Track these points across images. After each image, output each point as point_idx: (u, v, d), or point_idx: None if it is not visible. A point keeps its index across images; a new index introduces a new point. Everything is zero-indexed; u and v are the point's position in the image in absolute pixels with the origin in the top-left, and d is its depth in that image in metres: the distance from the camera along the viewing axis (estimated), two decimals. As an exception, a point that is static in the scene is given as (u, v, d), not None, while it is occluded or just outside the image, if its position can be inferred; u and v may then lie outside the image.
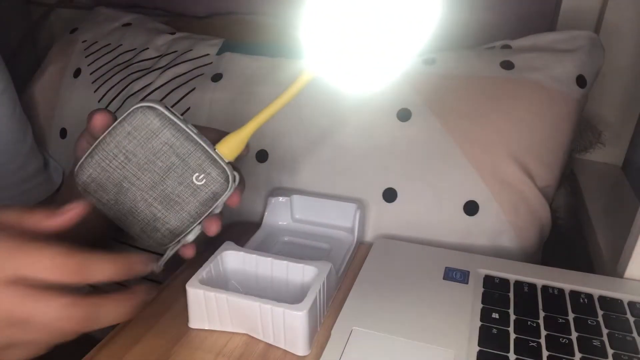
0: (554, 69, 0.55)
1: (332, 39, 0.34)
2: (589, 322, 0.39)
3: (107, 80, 0.67)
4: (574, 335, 0.38)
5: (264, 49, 0.65)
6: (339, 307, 0.41)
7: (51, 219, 0.32)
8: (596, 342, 0.37)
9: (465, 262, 0.46)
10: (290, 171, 0.57)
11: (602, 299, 0.42)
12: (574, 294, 0.42)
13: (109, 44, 0.72)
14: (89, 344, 0.39)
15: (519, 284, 0.43)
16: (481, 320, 0.39)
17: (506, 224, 0.52)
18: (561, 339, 0.37)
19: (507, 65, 0.56)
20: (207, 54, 0.66)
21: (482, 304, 0.41)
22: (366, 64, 0.34)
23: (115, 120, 0.37)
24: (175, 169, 0.36)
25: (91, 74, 0.69)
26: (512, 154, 0.53)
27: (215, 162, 0.37)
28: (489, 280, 0.44)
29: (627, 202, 0.62)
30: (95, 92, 0.67)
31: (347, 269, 0.48)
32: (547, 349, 0.36)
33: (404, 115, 0.55)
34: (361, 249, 0.51)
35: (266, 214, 0.54)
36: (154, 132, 0.36)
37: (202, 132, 0.40)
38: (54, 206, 0.32)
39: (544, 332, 0.38)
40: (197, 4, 0.81)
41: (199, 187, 0.37)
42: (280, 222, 0.54)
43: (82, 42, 0.73)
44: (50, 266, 0.28)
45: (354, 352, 0.36)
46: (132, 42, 0.71)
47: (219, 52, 0.66)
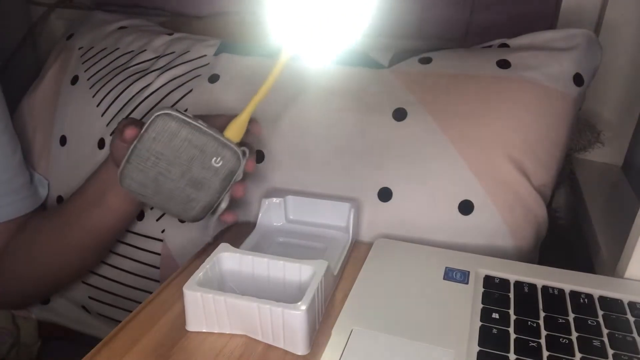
0: (550, 68, 0.55)
1: (299, 19, 0.40)
2: (589, 322, 0.39)
3: (105, 84, 0.67)
4: (574, 335, 0.38)
5: (261, 49, 0.65)
6: (339, 307, 0.41)
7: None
8: (596, 342, 0.37)
9: (465, 262, 0.46)
10: (286, 172, 0.57)
11: (602, 299, 0.42)
12: (574, 294, 0.42)
13: (105, 48, 0.72)
14: (89, 344, 0.39)
15: (519, 284, 0.43)
16: (481, 320, 0.39)
17: (501, 223, 0.52)
18: (561, 339, 0.37)
19: (503, 64, 0.56)
20: (205, 55, 0.66)
21: (482, 304, 0.41)
22: (330, 33, 0.41)
23: (141, 127, 0.44)
24: (196, 158, 0.44)
25: (88, 80, 0.69)
26: (507, 153, 0.53)
27: (226, 146, 0.45)
28: (489, 280, 0.44)
29: (627, 202, 0.62)
30: (93, 97, 0.67)
31: (343, 268, 0.48)
32: (547, 349, 0.36)
33: (399, 114, 0.55)
34: (361, 249, 0.51)
35: (260, 215, 0.54)
36: (173, 133, 0.44)
37: (212, 119, 0.48)
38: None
39: (544, 332, 0.38)
40: (197, 4, 0.81)
41: (218, 168, 0.45)
42: (274, 223, 0.54)
43: (79, 49, 0.73)
44: None
45: (354, 352, 0.36)
46: (128, 45, 0.71)
47: (216, 53, 0.66)
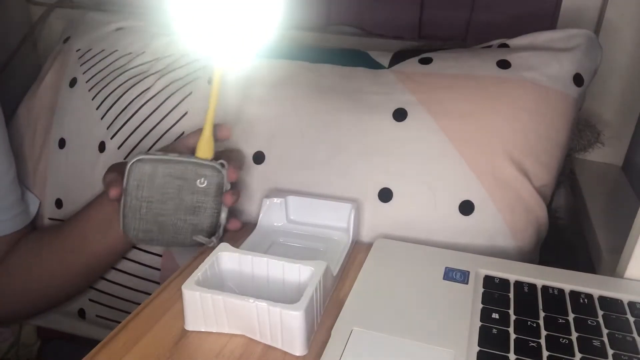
0: (551, 68, 0.55)
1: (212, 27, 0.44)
2: (589, 322, 0.39)
3: (104, 87, 0.67)
4: (574, 335, 0.38)
5: (262, 50, 0.65)
6: (339, 307, 0.41)
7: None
8: (596, 342, 0.37)
9: (465, 262, 0.46)
10: (286, 172, 0.57)
11: (602, 299, 0.42)
12: (574, 294, 0.42)
13: (104, 50, 0.71)
14: (88, 344, 0.39)
15: (519, 284, 0.43)
16: (481, 320, 0.39)
17: (502, 223, 0.52)
18: (561, 339, 0.37)
19: (503, 64, 0.56)
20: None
21: (482, 304, 0.41)
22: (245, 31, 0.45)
23: (121, 181, 0.47)
24: (183, 187, 0.47)
25: (87, 82, 0.68)
26: (508, 153, 0.53)
27: (203, 166, 0.47)
28: (489, 280, 0.44)
29: (627, 202, 0.62)
30: (92, 99, 0.66)
31: (343, 269, 0.48)
32: (547, 349, 0.36)
33: (399, 115, 0.55)
34: (361, 249, 0.51)
35: (261, 215, 0.54)
36: (152, 174, 0.46)
37: (182, 142, 0.51)
38: None
39: (544, 332, 0.38)
40: (197, 4, 0.80)
41: (205, 188, 0.47)
42: (275, 224, 0.54)
43: (76, 51, 0.72)
44: None
45: (354, 352, 0.36)
46: (127, 47, 0.70)
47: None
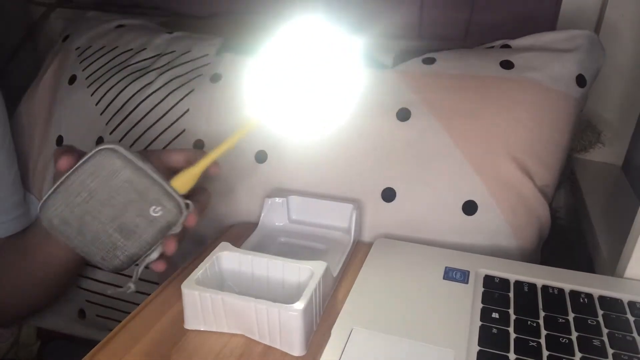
0: (553, 69, 0.55)
1: (276, 95, 0.40)
2: (589, 322, 0.39)
3: (104, 82, 0.66)
4: (574, 335, 0.38)
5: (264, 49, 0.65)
6: (339, 307, 0.41)
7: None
8: (596, 342, 0.37)
9: (465, 262, 0.46)
10: (289, 172, 0.57)
11: (602, 299, 0.42)
12: (574, 294, 0.42)
13: (104, 47, 0.71)
14: (88, 344, 0.39)
15: (519, 283, 0.43)
16: (481, 320, 0.39)
17: (505, 223, 0.52)
18: (561, 339, 0.37)
19: (506, 64, 0.56)
20: (206, 54, 0.66)
21: (482, 303, 0.41)
22: (302, 118, 0.40)
23: (79, 158, 0.40)
24: (134, 203, 0.39)
25: (87, 78, 0.68)
26: (511, 153, 0.53)
27: (169, 196, 0.40)
28: (489, 280, 0.44)
29: (627, 202, 0.62)
30: (92, 95, 0.66)
31: (343, 269, 0.48)
32: (547, 349, 0.36)
33: (403, 115, 0.55)
34: (361, 249, 0.51)
35: (263, 215, 0.54)
36: (115, 171, 0.39)
37: (164, 154, 0.45)
38: None
39: (544, 332, 0.38)
40: (197, 4, 0.81)
41: (156, 217, 0.40)
42: (277, 223, 0.54)
43: (76, 49, 0.72)
44: None
45: (354, 352, 0.36)
46: (128, 43, 0.70)
47: (218, 53, 0.66)
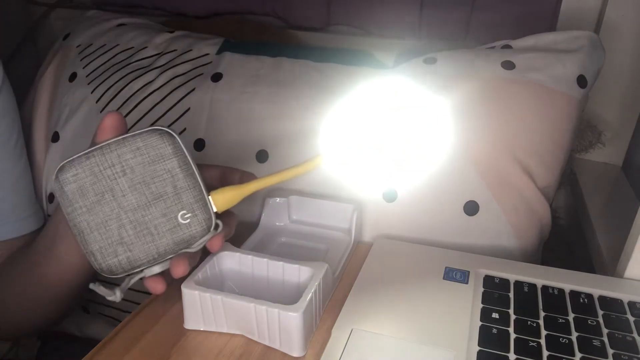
0: (554, 69, 0.55)
1: (352, 138, 0.37)
2: (589, 322, 0.39)
3: (105, 80, 0.66)
4: (574, 335, 0.38)
5: (264, 48, 0.65)
6: (339, 307, 0.41)
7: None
8: (596, 342, 0.37)
9: (465, 262, 0.46)
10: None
11: (602, 299, 0.42)
12: (574, 294, 0.42)
13: (104, 45, 0.71)
14: (88, 344, 0.39)
15: (519, 284, 0.43)
16: (481, 320, 0.39)
17: (506, 224, 0.52)
18: (561, 339, 0.37)
19: (508, 65, 0.56)
20: (207, 54, 0.66)
21: (482, 304, 0.41)
22: (373, 168, 0.38)
23: (126, 130, 0.37)
24: (166, 199, 0.36)
25: (87, 76, 0.68)
26: (512, 153, 0.53)
27: (205, 207, 0.36)
28: (489, 280, 0.44)
29: (627, 202, 0.62)
30: (92, 92, 0.66)
31: (343, 270, 0.48)
32: (547, 349, 0.36)
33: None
34: (361, 249, 0.51)
35: (263, 214, 0.54)
36: (163, 156, 0.36)
37: (207, 167, 0.42)
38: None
39: (544, 332, 0.38)
40: (197, 4, 0.81)
41: (181, 225, 0.36)
42: (277, 223, 0.54)
43: (77, 47, 0.72)
44: None
45: (354, 352, 0.36)
46: (129, 42, 0.71)
47: (219, 52, 0.66)
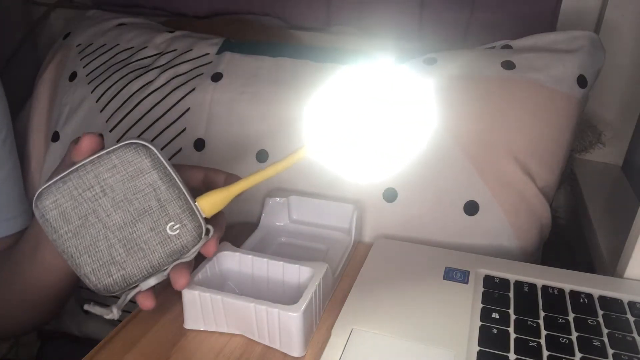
0: (554, 69, 0.55)
1: (336, 128, 0.35)
2: (589, 322, 0.39)
3: (105, 80, 0.66)
4: (574, 335, 0.38)
5: (264, 48, 0.65)
6: (339, 307, 0.41)
7: None
8: (596, 342, 0.37)
9: (465, 262, 0.46)
10: (290, 171, 0.57)
11: (602, 299, 0.42)
12: (574, 294, 0.42)
13: (105, 44, 0.71)
14: (88, 344, 0.39)
15: (519, 284, 0.43)
16: (481, 320, 0.39)
17: (506, 224, 0.52)
18: (561, 339, 0.37)
19: (508, 65, 0.56)
20: (207, 54, 0.66)
21: (482, 304, 0.41)
22: (360, 159, 0.36)
23: (102, 148, 0.35)
24: (151, 213, 0.34)
25: (87, 75, 0.68)
26: (512, 153, 0.53)
27: (193, 215, 0.35)
28: (489, 280, 0.44)
29: (627, 202, 0.62)
30: (92, 92, 0.66)
31: (344, 270, 0.48)
32: (547, 349, 0.36)
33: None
34: (361, 249, 0.51)
35: (263, 214, 0.54)
36: (141, 171, 0.34)
37: (189, 170, 0.40)
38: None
39: (544, 332, 0.38)
40: (197, 4, 0.81)
41: (171, 237, 0.35)
42: (277, 223, 0.54)
43: (77, 46, 0.72)
44: None
45: (354, 352, 0.36)
46: (129, 41, 0.71)
47: (219, 52, 0.66)
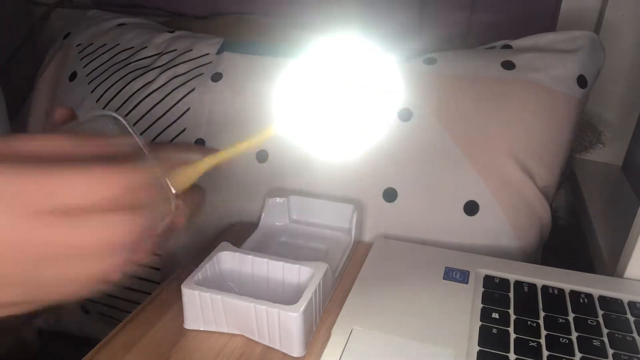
0: (555, 69, 0.55)
1: (305, 104, 0.34)
2: (589, 322, 0.39)
3: (105, 80, 0.67)
4: (574, 335, 0.38)
5: (264, 48, 0.65)
6: (339, 307, 0.41)
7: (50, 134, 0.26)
8: (596, 342, 0.37)
9: (465, 262, 0.46)
10: (290, 171, 0.57)
11: (602, 299, 0.42)
12: (574, 294, 0.42)
13: (105, 44, 0.71)
14: (89, 344, 0.39)
15: (519, 284, 0.43)
16: (481, 320, 0.39)
17: (506, 224, 0.52)
18: (561, 339, 0.37)
19: (508, 65, 0.56)
20: (207, 54, 0.66)
21: (482, 304, 0.41)
22: (332, 133, 0.35)
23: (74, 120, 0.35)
24: None
25: (87, 75, 0.68)
26: (512, 153, 0.53)
27: (161, 188, 0.34)
28: (489, 280, 0.44)
29: (627, 202, 0.62)
30: (92, 92, 0.66)
31: (343, 270, 0.48)
32: (547, 349, 0.36)
33: (404, 115, 0.55)
34: (361, 249, 0.51)
35: (263, 214, 0.54)
36: None
37: (168, 148, 0.39)
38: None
39: (544, 332, 0.38)
40: (197, 4, 0.81)
41: None
42: (277, 223, 0.54)
43: (77, 46, 0.73)
44: (86, 189, 0.24)
45: (354, 352, 0.36)
46: (129, 41, 0.71)
47: (219, 52, 0.66)
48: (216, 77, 0.63)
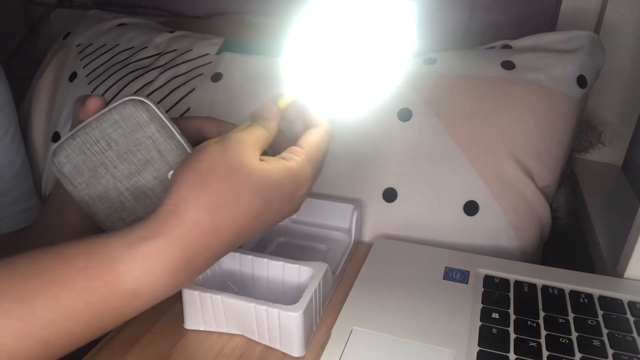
0: (554, 69, 0.55)
1: (314, 65, 0.38)
2: (589, 322, 0.39)
3: (105, 80, 0.67)
4: (574, 335, 0.38)
5: (264, 48, 0.65)
6: (339, 307, 0.41)
7: None
8: (596, 342, 0.37)
9: (465, 262, 0.46)
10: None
11: (602, 299, 0.42)
12: (574, 294, 0.42)
13: (105, 45, 0.71)
14: (89, 344, 0.39)
15: (519, 284, 0.43)
16: (481, 320, 0.39)
17: (506, 224, 0.52)
18: (561, 339, 0.37)
19: (508, 65, 0.56)
20: (207, 54, 0.66)
21: (482, 304, 0.41)
22: (347, 90, 0.38)
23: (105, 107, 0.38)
24: (153, 162, 0.38)
25: (87, 76, 0.68)
26: (512, 154, 0.53)
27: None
28: (489, 280, 0.44)
29: (627, 202, 0.62)
30: (92, 92, 0.66)
31: (343, 270, 0.48)
32: (547, 349, 0.36)
33: (404, 115, 0.55)
34: (361, 249, 0.51)
35: None
36: (140, 124, 0.37)
37: (186, 122, 0.43)
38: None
39: (544, 332, 0.38)
40: (197, 4, 0.81)
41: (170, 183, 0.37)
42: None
43: (77, 46, 0.73)
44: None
45: (354, 352, 0.36)
46: (129, 42, 0.71)
47: (219, 52, 0.66)
48: (216, 77, 0.63)
